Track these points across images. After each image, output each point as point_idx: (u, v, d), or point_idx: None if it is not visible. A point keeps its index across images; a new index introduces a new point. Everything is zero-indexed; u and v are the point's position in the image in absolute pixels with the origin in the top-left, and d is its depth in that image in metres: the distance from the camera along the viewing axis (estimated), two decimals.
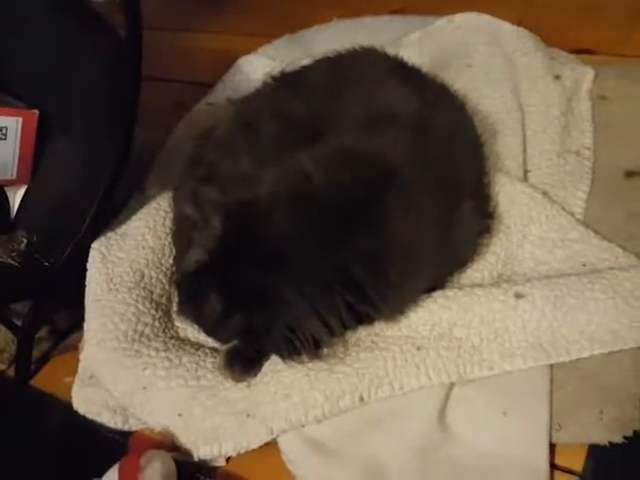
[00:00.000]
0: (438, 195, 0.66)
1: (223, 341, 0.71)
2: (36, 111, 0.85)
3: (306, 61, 0.99)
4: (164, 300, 0.80)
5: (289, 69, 0.93)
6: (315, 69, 0.83)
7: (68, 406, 0.76)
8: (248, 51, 1.17)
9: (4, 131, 0.82)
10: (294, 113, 0.75)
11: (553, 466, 0.60)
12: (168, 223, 0.86)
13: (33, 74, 0.88)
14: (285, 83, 0.84)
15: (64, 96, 0.85)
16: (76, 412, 0.75)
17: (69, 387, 0.78)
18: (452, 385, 0.65)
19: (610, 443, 0.59)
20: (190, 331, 0.78)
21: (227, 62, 1.17)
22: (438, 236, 0.66)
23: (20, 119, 0.83)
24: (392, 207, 0.63)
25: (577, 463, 0.60)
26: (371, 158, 0.65)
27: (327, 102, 0.75)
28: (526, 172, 0.80)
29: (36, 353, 0.86)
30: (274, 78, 0.86)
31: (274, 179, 0.67)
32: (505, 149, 0.81)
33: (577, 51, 0.98)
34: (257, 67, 1.07)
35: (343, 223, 0.62)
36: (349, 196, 0.63)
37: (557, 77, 0.88)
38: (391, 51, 0.96)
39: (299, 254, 0.62)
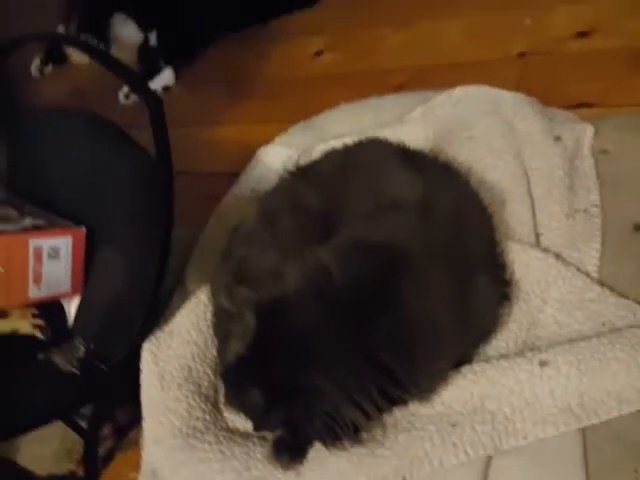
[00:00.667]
0: (451, 273, 0.69)
1: (269, 431, 0.74)
2: (83, 228, 0.91)
3: (319, 148, 1.06)
4: (212, 392, 0.84)
5: (303, 162, 0.99)
6: (325, 163, 0.88)
7: None
8: (267, 137, 1.22)
9: (57, 251, 0.89)
10: (309, 206, 0.80)
11: None
12: (208, 316, 0.91)
13: (76, 193, 0.95)
14: (299, 178, 0.89)
15: (106, 210, 0.92)
16: None
17: None
18: (490, 457, 0.67)
19: None
20: (238, 421, 0.81)
21: (250, 150, 1.22)
22: (457, 312, 0.69)
23: (70, 238, 0.90)
24: (409, 291, 0.67)
25: None
26: (382, 247, 0.69)
27: (338, 194, 0.79)
28: (538, 236, 0.83)
29: (101, 451, 0.91)
30: (290, 173, 0.92)
31: (298, 275, 0.71)
32: (514, 216, 0.84)
33: (575, 105, 1.01)
34: (275, 156, 1.13)
35: (365, 312, 0.66)
36: (367, 285, 0.67)
37: (558, 138, 0.91)
38: (396, 128, 1.03)
39: (328, 345, 0.66)
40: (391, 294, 0.67)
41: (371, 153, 0.85)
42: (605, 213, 0.83)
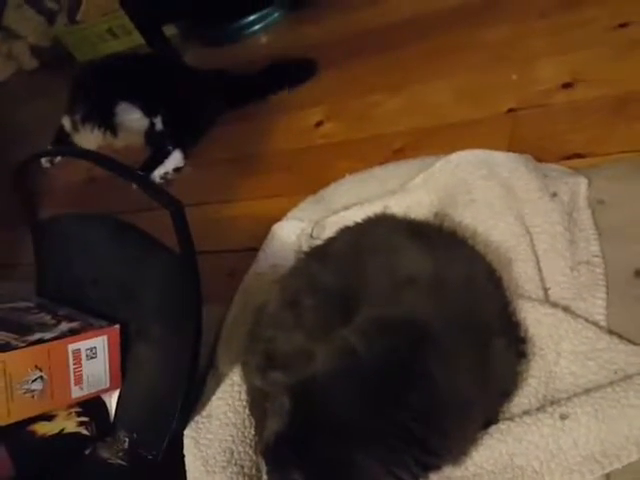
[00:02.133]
0: (470, 341, 0.77)
1: None
2: (117, 326, 1.01)
3: (330, 220, 1.16)
4: (254, 471, 0.92)
5: (316, 234, 1.08)
6: (338, 242, 0.97)
7: None
8: (277, 210, 1.32)
9: (94, 351, 0.99)
10: (327, 286, 0.89)
11: None
12: (243, 396, 0.99)
13: (107, 292, 1.06)
14: (315, 258, 0.98)
15: (137, 308, 1.02)
16: None
17: None
18: None
19: None
20: None
21: (262, 224, 1.31)
22: (480, 378, 0.76)
23: (105, 337, 1.00)
24: (432, 363, 0.75)
25: None
26: (402, 322, 0.78)
27: (353, 272, 0.88)
28: (546, 290, 0.90)
29: None
30: (305, 253, 1.02)
31: (326, 356, 0.80)
32: (522, 274, 0.92)
33: (568, 157, 1.09)
34: (289, 231, 1.22)
35: (393, 387, 0.74)
36: (391, 361, 0.75)
37: (554, 194, 0.99)
38: (401, 196, 1.12)
39: (362, 422, 0.73)
40: (416, 367, 0.75)
41: (381, 231, 0.94)
42: (606, 262, 0.91)
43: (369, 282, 0.86)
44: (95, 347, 0.99)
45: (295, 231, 1.22)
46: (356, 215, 1.05)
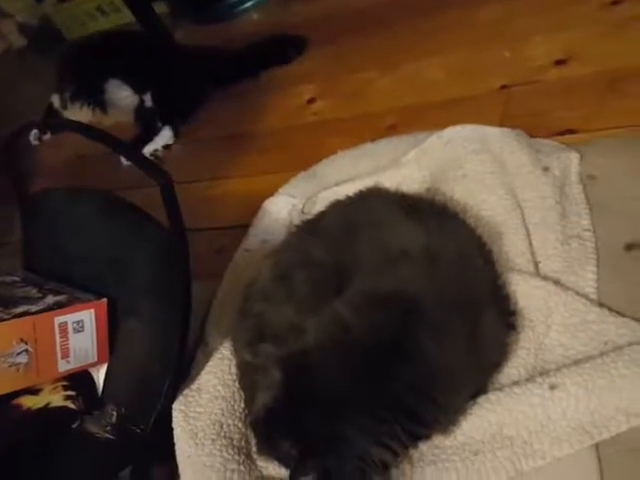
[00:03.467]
0: (461, 313, 0.77)
1: (304, 476, 0.81)
2: (104, 300, 1.00)
3: (322, 195, 1.15)
4: (243, 443, 0.91)
5: (307, 210, 1.08)
6: (331, 216, 0.97)
7: None
8: (268, 188, 1.31)
9: (81, 324, 0.97)
10: (319, 260, 0.89)
11: None
12: (233, 370, 0.98)
13: (95, 268, 1.04)
14: (307, 232, 0.98)
15: (126, 283, 1.01)
16: None
17: None
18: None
19: None
20: (272, 468, 0.88)
21: (253, 201, 1.30)
22: (470, 349, 0.76)
23: (93, 310, 0.98)
24: (423, 335, 0.75)
25: None
26: (393, 295, 0.78)
27: (346, 247, 0.88)
28: (536, 264, 0.90)
29: None
30: (298, 227, 1.01)
31: (317, 329, 0.79)
32: (512, 247, 0.92)
33: (560, 133, 1.09)
34: (281, 206, 1.22)
35: (384, 359, 0.74)
36: (383, 334, 0.75)
37: (546, 169, 0.99)
38: (393, 171, 1.11)
39: (351, 394, 0.73)
40: (407, 340, 0.75)
41: (373, 204, 0.94)
42: (597, 236, 0.91)
43: (361, 256, 0.85)
44: (82, 320, 0.97)
45: (286, 207, 1.21)
46: (348, 191, 1.04)
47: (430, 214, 0.88)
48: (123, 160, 1.67)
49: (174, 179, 0.90)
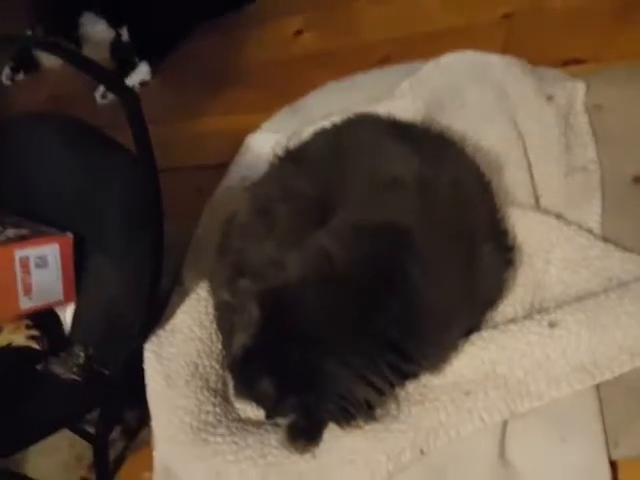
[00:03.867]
0: (455, 246, 0.71)
1: (282, 417, 0.77)
2: (70, 235, 0.93)
3: (308, 130, 1.07)
4: (220, 385, 0.86)
5: (292, 145, 1.00)
6: (315, 144, 0.90)
7: None
8: (253, 126, 1.24)
9: (45, 260, 0.90)
10: (303, 192, 0.82)
11: None
12: (210, 311, 0.93)
13: (61, 201, 0.97)
14: (290, 162, 0.90)
15: (93, 217, 0.93)
16: None
17: None
18: (506, 421, 0.69)
19: None
20: (250, 410, 0.83)
21: (236, 140, 1.24)
22: (463, 285, 0.71)
23: (57, 245, 0.91)
24: (412, 268, 0.69)
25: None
26: (382, 226, 0.71)
27: (331, 176, 0.81)
28: (537, 198, 0.85)
29: (112, 454, 0.93)
30: (279, 158, 0.93)
31: (298, 263, 0.73)
32: (512, 180, 0.86)
33: (565, 62, 1.02)
34: (264, 143, 1.14)
35: (369, 293, 0.68)
36: (369, 266, 0.69)
37: (550, 98, 0.92)
38: (386, 103, 1.04)
39: (335, 329, 0.68)
40: (396, 272, 0.69)
41: (362, 131, 0.86)
42: (603, 168, 0.85)
43: (348, 185, 0.78)
44: (46, 255, 0.91)
45: (269, 142, 1.13)
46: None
47: (424, 140, 0.82)
48: (98, 99, 1.59)
49: (152, 117, 0.83)
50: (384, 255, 0.69)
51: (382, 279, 0.68)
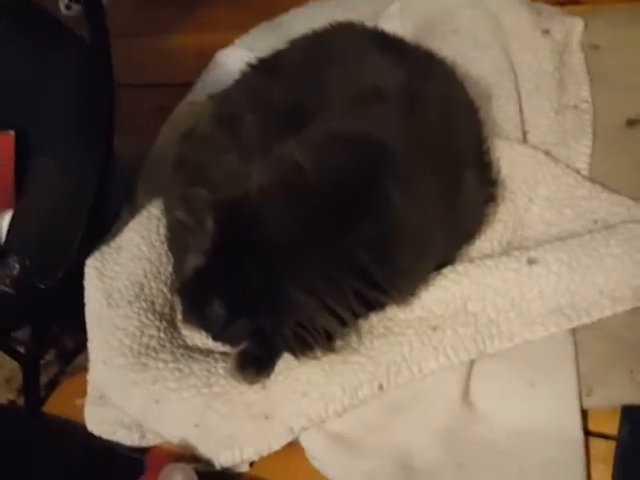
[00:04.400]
0: (438, 168, 0.64)
1: (232, 345, 0.70)
2: (12, 132, 0.83)
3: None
4: (167, 310, 0.79)
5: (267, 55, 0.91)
6: (292, 51, 0.81)
7: (83, 429, 0.76)
8: (226, 45, 1.15)
9: None
10: (275, 100, 0.74)
11: (587, 433, 0.59)
12: (162, 231, 0.85)
13: (3, 93, 0.86)
14: (263, 70, 0.82)
15: (38, 113, 0.83)
16: (91, 434, 0.74)
17: (82, 409, 0.77)
18: (473, 362, 0.64)
19: None
20: (198, 338, 0.76)
21: (207, 59, 1.14)
22: (442, 211, 0.64)
23: None
24: (389, 187, 0.62)
25: (612, 427, 0.59)
26: (361, 139, 0.64)
27: (308, 84, 0.73)
28: (525, 133, 0.79)
29: (45, 378, 0.85)
30: (251, 66, 0.84)
31: (263, 172, 0.65)
32: (501, 112, 0.79)
33: (562, 3, 0.96)
34: (236, 59, 1.04)
35: (341, 210, 0.61)
36: (344, 181, 0.62)
37: (546, 32, 0.86)
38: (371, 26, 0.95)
39: (298, 247, 0.60)
40: (372, 190, 0.62)
41: (345, 39, 0.78)
42: (596, 110, 0.79)
43: (326, 94, 0.70)
44: None
45: (241, 60, 1.01)
46: None
47: (413, 55, 0.74)
48: (63, 9, 1.45)
49: (119, 32, 0.77)
50: (361, 169, 0.61)
51: (357, 196, 0.61)
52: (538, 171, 0.72)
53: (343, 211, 0.60)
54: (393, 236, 0.61)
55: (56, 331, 0.88)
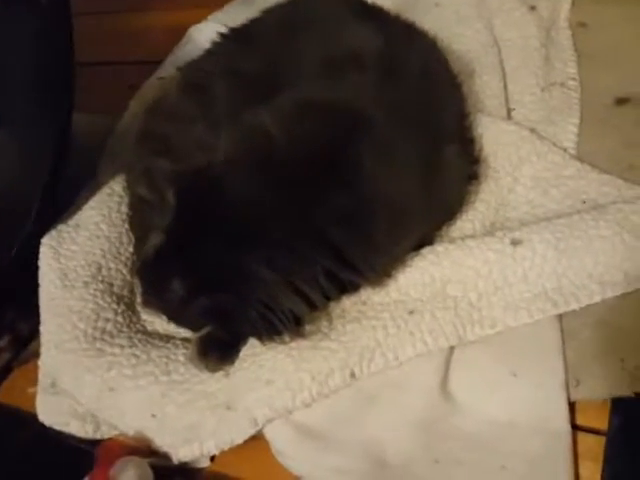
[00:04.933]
0: (417, 140, 0.58)
1: (193, 329, 0.63)
2: None
3: None
4: (126, 292, 0.72)
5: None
6: (266, 18, 0.75)
7: (35, 419, 0.68)
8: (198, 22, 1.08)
9: None
10: (246, 68, 0.67)
11: (575, 427, 0.53)
12: (124, 209, 0.78)
13: None
14: (234, 39, 0.75)
15: None
16: (43, 425, 0.67)
17: (34, 398, 0.70)
18: (452, 349, 0.58)
19: (636, 394, 0.52)
20: (158, 323, 0.70)
21: (179, 36, 1.08)
22: (422, 186, 0.58)
23: None
24: (366, 158, 0.56)
25: (601, 421, 0.53)
26: (335, 107, 0.58)
27: (281, 51, 0.67)
28: (509, 111, 0.73)
29: None
30: (223, 35, 0.78)
31: (229, 141, 0.59)
32: (484, 88, 0.74)
33: None
34: (209, 35, 0.96)
35: (312, 182, 0.54)
36: (315, 151, 0.55)
37: (532, 8, 0.81)
38: None
39: (265, 222, 0.54)
40: (346, 160, 0.55)
41: (322, 6, 0.71)
42: (584, 88, 0.74)
43: (300, 62, 0.64)
44: None
45: (215, 35, 0.96)
46: None
47: (393, 24, 0.68)
48: None
49: (88, 9, 0.70)
50: (335, 138, 0.55)
51: (329, 167, 0.54)
52: (522, 148, 0.67)
53: (314, 182, 0.54)
54: (368, 211, 0.55)
55: (10, 315, 0.81)
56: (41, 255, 0.73)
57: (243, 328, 0.58)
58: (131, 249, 0.75)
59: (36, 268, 0.74)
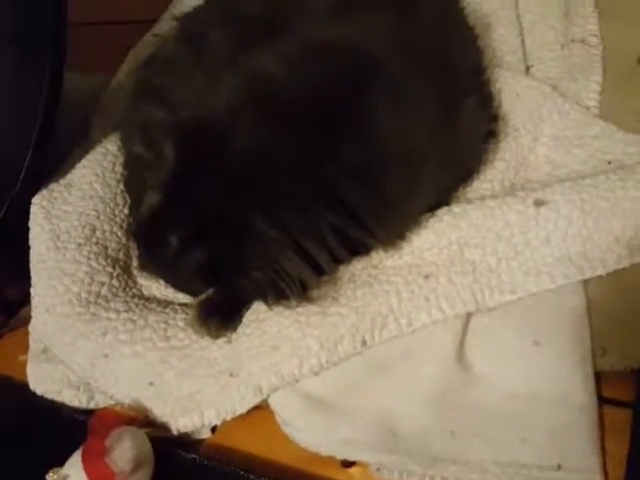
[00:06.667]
0: (433, 90, 0.52)
1: (192, 293, 0.57)
2: None
3: None
4: (122, 255, 0.66)
5: None
6: None
7: (26, 387, 0.63)
8: None
9: None
10: (248, 13, 0.60)
11: (601, 399, 0.48)
12: (118, 169, 0.71)
13: None
14: None
15: None
16: (34, 393, 0.62)
17: (25, 366, 0.64)
18: (470, 316, 0.52)
19: None
20: (156, 288, 0.64)
21: None
22: (438, 138, 0.52)
23: None
24: (379, 105, 0.49)
25: (628, 393, 0.48)
26: (346, 48, 0.51)
27: None
28: (528, 67, 0.67)
29: None
30: None
31: (230, 86, 0.52)
32: (501, 43, 0.67)
33: None
34: None
35: (320, 130, 0.48)
36: (323, 96, 0.49)
37: None
38: None
39: (270, 176, 0.48)
40: (357, 107, 0.49)
41: None
42: (605, 46, 0.67)
43: (307, 3, 0.57)
44: None
45: None
46: None
47: None
48: None
49: None
50: (344, 82, 0.49)
51: (339, 114, 0.48)
52: (543, 106, 0.60)
53: (321, 131, 0.48)
54: (379, 162, 0.49)
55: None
56: (32, 216, 0.67)
57: (247, 292, 0.52)
58: (126, 211, 0.69)
59: (26, 229, 0.68)
